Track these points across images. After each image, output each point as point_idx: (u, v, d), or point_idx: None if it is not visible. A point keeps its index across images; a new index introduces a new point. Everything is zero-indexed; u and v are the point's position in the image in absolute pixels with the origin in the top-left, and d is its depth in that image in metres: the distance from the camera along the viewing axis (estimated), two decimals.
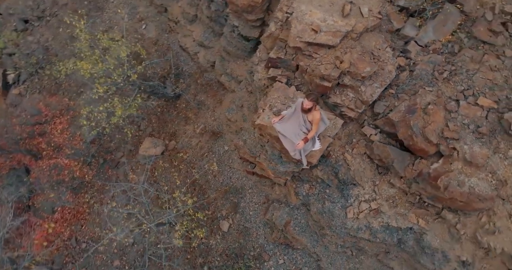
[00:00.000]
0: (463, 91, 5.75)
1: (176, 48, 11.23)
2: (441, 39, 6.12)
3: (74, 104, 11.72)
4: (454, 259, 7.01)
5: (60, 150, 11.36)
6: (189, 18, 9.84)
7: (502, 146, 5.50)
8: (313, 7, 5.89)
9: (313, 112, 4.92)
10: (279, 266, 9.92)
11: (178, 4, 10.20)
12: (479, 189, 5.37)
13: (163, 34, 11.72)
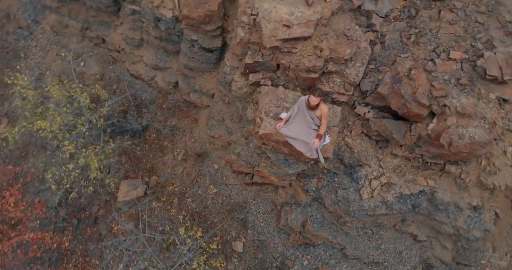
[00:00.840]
0: (434, 50, 6.23)
1: (127, 77, 10.68)
2: (397, 6, 6.57)
3: (21, 169, 10.51)
4: (466, 207, 7.55)
5: (20, 225, 10.14)
6: (135, 43, 9.43)
7: (482, 91, 6.05)
8: (276, 3, 5.98)
9: (321, 107, 4.99)
10: (304, 267, 9.90)
11: (117, 32, 9.71)
12: (478, 137, 5.85)
13: (107, 67, 11.09)
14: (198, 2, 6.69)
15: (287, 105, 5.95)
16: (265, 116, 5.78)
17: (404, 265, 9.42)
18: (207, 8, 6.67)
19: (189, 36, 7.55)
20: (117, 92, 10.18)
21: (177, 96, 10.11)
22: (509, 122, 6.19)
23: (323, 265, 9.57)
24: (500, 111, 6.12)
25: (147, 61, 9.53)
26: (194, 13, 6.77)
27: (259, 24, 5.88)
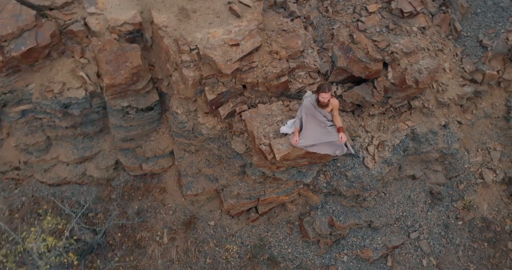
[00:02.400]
0: (354, 11, 6.95)
1: (48, 191, 8.78)
2: None
3: None
4: (438, 129, 8.65)
5: None
6: (40, 148, 7.84)
7: (407, 27, 7.01)
8: (207, 29, 5.77)
9: (331, 101, 4.98)
10: (347, 263, 9.84)
11: (8, 146, 7.90)
12: (431, 65, 6.78)
13: (12, 193, 8.93)
14: (116, 65, 5.94)
15: (279, 118, 5.78)
16: (271, 140, 5.48)
17: (416, 206, 10.24)
18: (130, 66, 5.98)
19: (118, 105, 6.65)
20: (49, 213, 8.24)
21: (123, 177, 8.78)
22: (436, 44, 7.31)
23: (362, 249, 9.64)
24: (426, 38, 7.18)
25: (66, 160, 8.01)
26: (118, 78, 5.99)
27: (206, 56, 5.56)
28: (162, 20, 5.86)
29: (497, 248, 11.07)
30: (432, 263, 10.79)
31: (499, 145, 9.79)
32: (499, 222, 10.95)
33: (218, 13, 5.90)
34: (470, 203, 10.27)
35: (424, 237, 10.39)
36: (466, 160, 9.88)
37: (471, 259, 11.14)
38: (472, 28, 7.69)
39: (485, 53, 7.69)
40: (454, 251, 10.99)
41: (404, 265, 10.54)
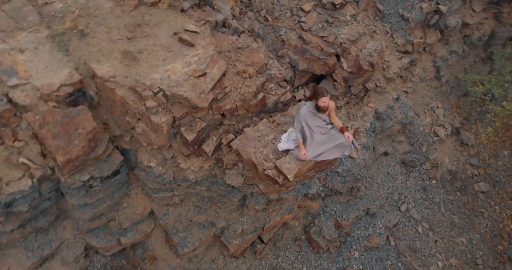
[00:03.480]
0: (292, 14, 7.14)
1: None
2: (231, 4, 7.04)
3: None
4: (393, 103, 9.38)
5: None
6: None
7: (342, 18, 7.46)
8: (163, 66, 5.29)
9: (329, 104, 4.91)
10: (359, 259, 9.97)
11: None
12: (378, 47, 7.29)
13: None
14: (67, 136, 5.06)
15: (271, 137, 5.53)
16: (275, 161, 5.19)
17: (396, 179, 10.91)
18: (84, 132, 5.15)
19: (77, 182, 5.66)
20: None
21: (98, 261, 7.48)
22: (369, 27, 7.92)
23: (369, 239, 9.84)
24: (360, 23, 7.73)
25: (23, 265, 6.55)
26: (73, 150, 5.10)
27: (174, 95, 5.07)
28: (106, 70, 5.17)
29: (468, 193, 12.35)
30: (426, 227, 11.54)
31: (439, 102, 11.01)
32: (461, 169, 12.26)
33: (168, 47, 5.44)
34: (435, 161, 11.26)
35: (411, 206, 11.05)
36: (419, 124, 10.85)
37: (452, 211, 12.20)
38: (391, 5, 8.54)
39: (408, 25, 8.58)
40: (437, 209, 11.93)
41: (405, 239, 11.06)
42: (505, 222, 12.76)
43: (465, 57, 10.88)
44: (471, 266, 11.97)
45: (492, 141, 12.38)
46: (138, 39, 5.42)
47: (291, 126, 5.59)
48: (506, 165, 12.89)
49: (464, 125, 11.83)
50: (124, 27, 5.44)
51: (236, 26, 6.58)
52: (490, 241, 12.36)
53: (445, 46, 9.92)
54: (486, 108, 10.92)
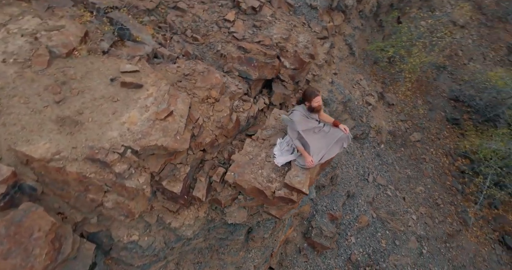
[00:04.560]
0: (220, 27, 6.70)
1: None
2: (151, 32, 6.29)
3: None
4: (330, 86, 9.53)
5: None
6: None
7: (264, 19, 7.24)
8: (116, 120, 4.30)
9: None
10: (357, 243, 10.03)
11: None
12: (311, 39, 7.23)
13: None
14: (23, 248, 3.71)
15: (264, 155, 4.94)
16: (282, 179, 4.63)
17: (355, 155, 11.27)
18: (42, 233, 3.85)
19: None
20: None
21: None
22: (289, 22, 7.88)
23: (358, 220, 9.93)
24: (281, 21, 7.63)
25: None
26: (37, 263, 3.77)
27: (146, 148, 4.12)
28: (45, 149, 3.94)
29: (408, 146, 13.47)
30: (392, 189, 12.19)
31: (360, 74, 11.72)
32: (397, 127, 13.31)
33: (112, 96, 4.42)
34: (376, 127, 11.97)
35: (375, 174, 11.53)
36: (353, 98, 11.39)
37: (404, 166, 13.16)
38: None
39: (318, 13, 8.83)
40: (393, 169, 12.73)
41: (382, 206, 11.49)
42: (442, 160, 14.26)
43: (364, 30, 11.80)
44: (435, 208, 13.03)
45: (408, 95, 13.74)
46: (70, 99, 4.28)
47: (277, 137, 5.09)
48: (424, 111, 14.47)
49: (385, 89, 12.86)
50: (45, 90, 4.23)
51: (169, 54, 5.80)
52: (439, 180, 13.65)
53: (349, 24, 10.56)
54: (398, 69, 12.00)
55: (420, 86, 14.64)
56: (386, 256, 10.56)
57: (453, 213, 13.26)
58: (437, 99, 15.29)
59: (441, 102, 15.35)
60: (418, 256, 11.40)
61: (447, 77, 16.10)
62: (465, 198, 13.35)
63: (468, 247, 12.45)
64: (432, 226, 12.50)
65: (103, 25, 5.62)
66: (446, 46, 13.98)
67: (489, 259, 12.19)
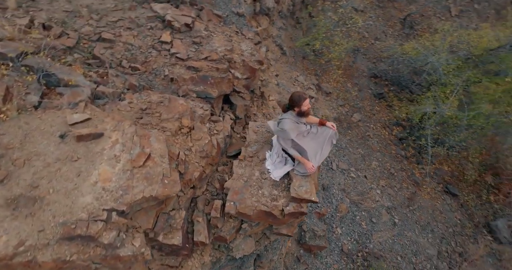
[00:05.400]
0: (158, 50, 6.07)
1: None
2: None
3: None
4: (276, 86, 9.43)
5: None
6: None
7: (200, 34, 6.82)
8: (85, 181, 3.49)
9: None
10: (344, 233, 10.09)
11: None
12: (251, 46, 6.95)
13: None
14: None
15: (257, 173, 4.50)
16: (286, 194, 4.24)
17: None
18: None
19: None
20: None
21: None
22: (224, 33, 7.56)
23: (338, 209, 9.98)
24: (217, 33, 7.27)
25: None
26: None
27: (132, 204, 3.40)
28: (3, 243, 2.98)
29: (353, 127, 14.09)
30: (353, 170, 12.59)
31: (295, 72, 11.88)
32: (339, 112, 13.83)
33: (69, 156, 3.56)
34: (323, 117, 12.25)
35: (337, 161, 11.78)
36: None
37: (356, 147, 13.71)
38: (224, 8, 8.36)
39: (246, 19, 8.64)
40: (348, 152, 13.17)
41: (351, 190, 11.79)
42: (382, 132, 15.22)
43: (286, 29, 12.00)
44: (391, 178, 13.82)
45: (339, 81, 14.40)
46: (16, 173, 3.32)
47: (265, 151, 4.68)
48: (355, 93, 15.32)
49: (319, 80, 13.26)
50: None
51: (112, 91, 5.01)
52: (386, 151, 14.53)
53: (274, 26, 10.61)
54: (326, 59, 12.45)
55: (346, 71, 15.48)
56: (370, 236, 10.80)
57: (406, 177, 14.19)
58: (361, 80, 16.33)
59: (365, 82, 16.43)
60: (393, 226, 11.90)
61: (362, 58, 17.31)
62: (409, 161, 14.40)
63: (425, 205, 13.36)
64: (395, 195, 13.19)
65: (24, 76, 4.62)
66: (358, 30, 15.01)
67: (444, 210, 13.25)
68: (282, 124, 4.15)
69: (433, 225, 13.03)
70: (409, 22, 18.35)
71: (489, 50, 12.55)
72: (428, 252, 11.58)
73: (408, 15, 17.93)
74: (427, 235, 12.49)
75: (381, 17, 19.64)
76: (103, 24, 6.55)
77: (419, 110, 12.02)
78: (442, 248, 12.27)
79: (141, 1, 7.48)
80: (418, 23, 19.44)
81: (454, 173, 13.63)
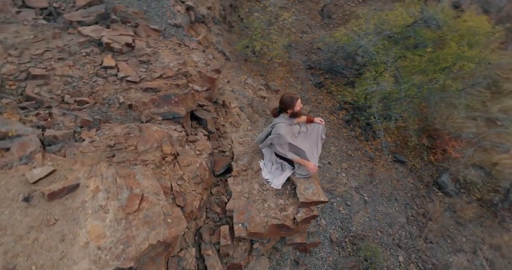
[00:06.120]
0: (104, 77, 5.40)
1: None
2: None
3: None
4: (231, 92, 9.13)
5: None
6: None
7: (145, 52, 6.27)
8: (73, 246, 2.87)
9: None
10: (329, 223, 10.16)
11: None
12: (202, 56, 6.59)
13: None
14: None
15: (256, 186, 4.18)
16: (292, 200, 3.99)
17: None
18: None
19: None
20: None
21: None
22: (169, 47, 7.06)
23: None
24: (162, 48, 6.76)
25: None
26: None
27: (138, 259, 2.86)
28: None
29: None
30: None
31: (243, 75, 11.69)
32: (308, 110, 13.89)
33: (43, 220, 2.86)
34: None
35: None
36: (251, 97, 11.30)
37: None
38: (159, 21, 7.81)
39: (185, 30, 8.19)
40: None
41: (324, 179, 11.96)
42: (331, 118, 15.73)
43: (222, 35, 11.75)
44: (350, 159, 14.37)
45: (283, 77, 14.56)
46: None
47: (257, 161, 4.37)
48: (299, 86, 15.64)
49: (266, 79, 13.24)
50: None
51: (63, 133, 4.30)
52: (338, 135, 15.07)
53: (211, 33, 10.28)
54: (268, 58, 12.46)
55: (285, 67, 15.73)
56: (350, 220, 11.04)
57: (362, 156, 14.86)
58: (300, 73, 16.75)
59: (304, 74, 16.90)
60: (365, 205, 12.34)
61: (296, 53, 17.80)
62: (359, 140, 15.12)
63: (384, 177, 14.12)
64: (357, 174, 13.73)
65: None
66: (287, 26, 15.33)
67: (399, 177, 14.11)
68: (278, 129, 3.88)
69: (395, 194, 13.76)
70: (326, 12, 19.29)
71: (406, 27, 13.64)
72: (399, 221, 12.18)
73: (324, 6, 18.85)
74: (394, 205, 13.13)
75: (302, 12, 20.39)
76: (27, 59, 5.65)
77: (363, 92, 12.61)
78: (408, 213, 12.98)
79: (64, 27, 6.65)
80: (334, 12, 20.53)
81: (397, 142, 14.54)
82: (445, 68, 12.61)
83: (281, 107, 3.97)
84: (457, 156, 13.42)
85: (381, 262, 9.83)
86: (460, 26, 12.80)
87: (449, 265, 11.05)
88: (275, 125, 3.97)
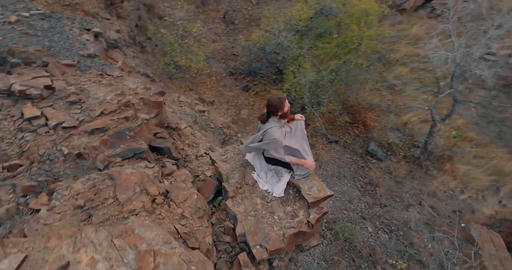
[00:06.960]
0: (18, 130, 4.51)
1: None
2: None
3: None
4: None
5: None
6: None
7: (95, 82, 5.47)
8: None
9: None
10: None
11: None
12: (139, 80, 5.94)
13: None
14: None
15: (258, 199, 3.88)
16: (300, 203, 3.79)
17: None
18: None
19: None
20: None
21: None
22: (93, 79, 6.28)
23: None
24: (87, 82, 5.97)
25: None
26: None
27: None
28: None
29: (249, 124, 14.25)
30: None
31: (173, 94, 11.09)
32: (231, 116, 13.73)
33: None
34: (224, 125, 11.94)
35: None
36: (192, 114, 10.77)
37: None
38: (68, 56, 6.86)
39: (101, 58, 7.39)
40: None
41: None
42: None
43: (137, 56, 10.99)
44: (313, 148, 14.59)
45: (213, 88, 14.29)
46: None
47: (249, 174, 4.07)
48: (230, 93, 15.51)
49: (197, 93, 12.80)
50: None
51: (4, 211, 3.43)
52: None
53: (127, 57, 9.49)
54: (194, 72, 12.05)
55: (211, 77, 15.47)
56: None
57: None
58: (226, 81, 16.68)
59: (229, 81, 16.87)
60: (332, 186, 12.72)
61: (214, 62, 17.68)
62: None
63: (327, 159, 14.75)
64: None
65: None
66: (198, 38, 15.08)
67: (338, 156, 14.85)
68: (271, 134, 3.62)
69: (342, 171, 14.50)
70: (229, 19, 19.61)
71: (310, 19, 14.53)
72: (355, 195, 12.87)
73: (225, 13, 19.12)
74: (344, 182, 13.83)
75: (207, 21, 20.37)
76: None
77: (293, 86, 13.02)
78: (358, 185, 13.79)
79: None
80: (235, 18, 20.99)
81: (326, 125, 15.41)
82: (352, 50, 13.72)
83: (270, 111, 3.72)
84: (375, 124, 14.74)
85: (358, 238, 10.20)
86: (354, 10, 14.08)
87: (407, 221, 11.98)
88: (267, 132, 3.70)
